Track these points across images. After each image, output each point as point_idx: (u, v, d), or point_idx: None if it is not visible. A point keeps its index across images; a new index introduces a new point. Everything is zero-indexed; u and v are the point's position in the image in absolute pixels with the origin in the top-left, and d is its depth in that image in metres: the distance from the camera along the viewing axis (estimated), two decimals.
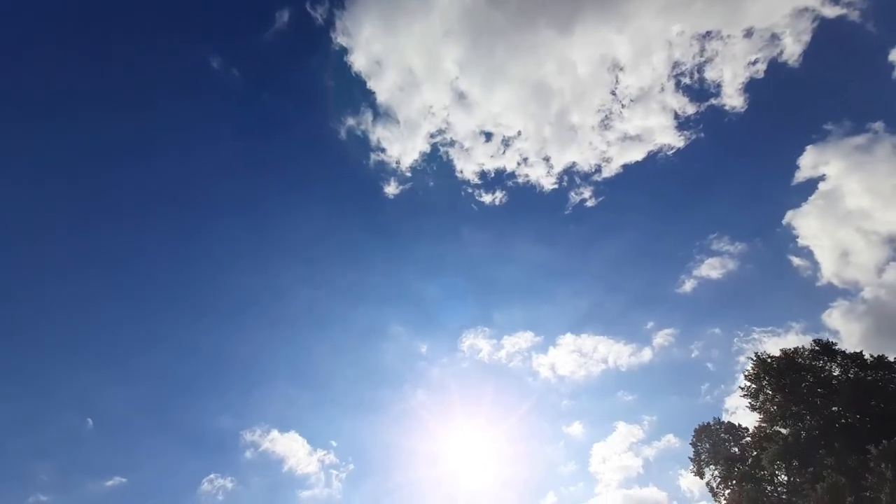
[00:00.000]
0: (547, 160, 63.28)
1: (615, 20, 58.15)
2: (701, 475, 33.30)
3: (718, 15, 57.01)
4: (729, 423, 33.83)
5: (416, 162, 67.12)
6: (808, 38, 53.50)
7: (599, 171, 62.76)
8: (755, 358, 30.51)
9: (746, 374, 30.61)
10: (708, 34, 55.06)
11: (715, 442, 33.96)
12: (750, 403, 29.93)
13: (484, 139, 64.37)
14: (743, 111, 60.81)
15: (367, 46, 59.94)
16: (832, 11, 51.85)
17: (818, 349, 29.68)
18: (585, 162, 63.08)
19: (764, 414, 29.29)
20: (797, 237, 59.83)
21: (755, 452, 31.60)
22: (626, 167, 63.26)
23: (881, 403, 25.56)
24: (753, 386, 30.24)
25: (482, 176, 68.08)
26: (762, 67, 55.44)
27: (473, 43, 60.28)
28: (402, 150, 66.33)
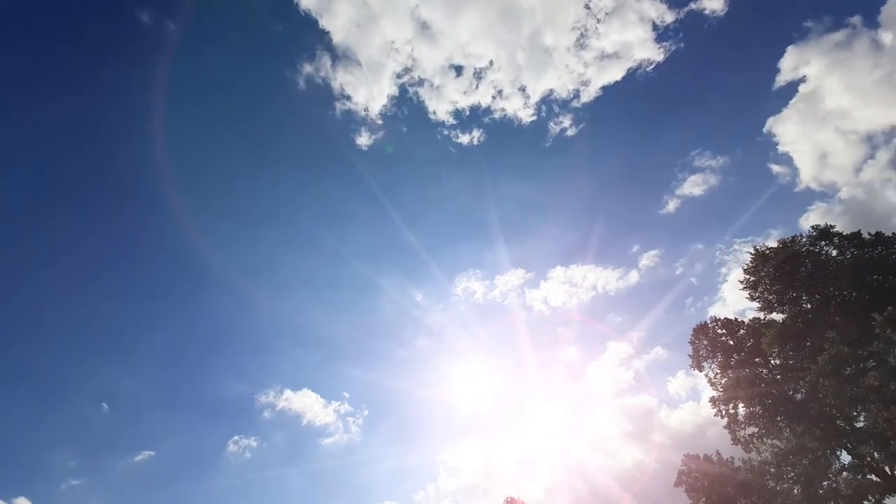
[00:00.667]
0: (523, 90, 58.92)
1: None
2: (700, 369, 34.46)
3: None
4: (725, 318, 34.55)
5: (385, 108, 61.43)
6: None
7: (578, 96, 59.08)
8: (753, 251, 30.35)
9: (745, 267, 30.67)
10: None
11: (712, 338, 34.89)
12: (749, 294, 30.17)
13: (454, 74, 58.96)
14: (723, 14, 56.63)
15: None
16: None
17: (815, 235, 29.49)
18: (563, 88, 59.02)
19: (762, 303, 29.63)
20: (777, 144, 59.01)
21: (750, 342, 32.70)
22: (605, 89, 59.50)
23: (880, 277, 25.78)
24: (752, 278, 30.31)
25: (457, 115, 63.23)
26: None
27: None
28: (368, 95, 60.44)
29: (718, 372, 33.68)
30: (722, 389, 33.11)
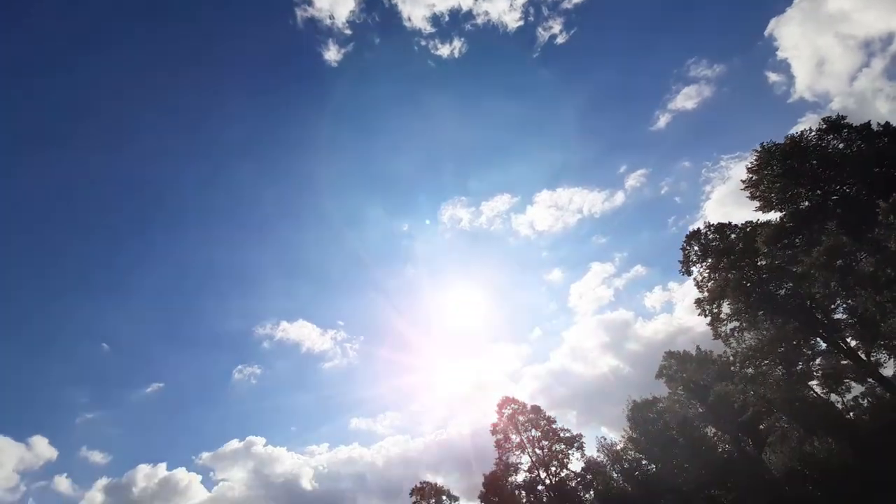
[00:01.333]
0: None
1: None
2: (689, 273, 35.04)
3: None
4: (718, 223, 34.35)
5: (353, 14, 52.49)
6: None
7: None
8: (759, 149, 28.92)
9: (749, 166, 29.53)
10: None
11: (704, 243, 35.00)
12: (750, 193, 29.38)
13: None
14: None
15: None
16: None
17: (825, 128, 28.00)
18: None
19: (762, 202, 29.00)
20: (777, 50, 54.47)
21: (740, 245, 32.86)
22: None
23: (886, 169, 24.97)
24: (755, 176, 29.35)
25: (435, 22, 55.04)
26: None
27: None
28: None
29: (707, 275, 34.39)
30: (708, 291, 34.08)
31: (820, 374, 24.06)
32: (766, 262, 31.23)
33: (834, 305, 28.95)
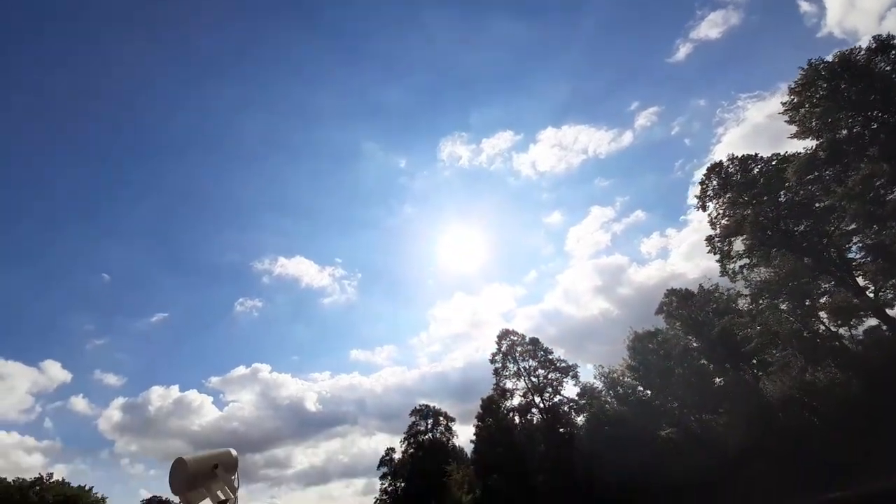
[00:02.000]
0: None
1: None
2: (704, 208, 33.71)
3: None
4: (744, 155, 32.29)
5: None
6: None
7: None
8: (807, 66, 26.10)
9: (791, 86, 26.91)
10: None
11: (724, 177, 33.26)
12: (789, 117, 27.10)
13: None
14: None
15: None
16: None
17: (874, 47, 25.07)
18: None
19: (801, 127, 26.79)
20: None
21: (761, 181, 31.16)
22: None
23: None
24: (796, 98, 26.85)
25: None
26: None
27: None
28: None
29: (722, 211, 33.11)
30: (721, 228, 33.03)
31: (829, 309, 23.75)
32: (787, 197, 29.87)
33: (849, 244, 28.20)
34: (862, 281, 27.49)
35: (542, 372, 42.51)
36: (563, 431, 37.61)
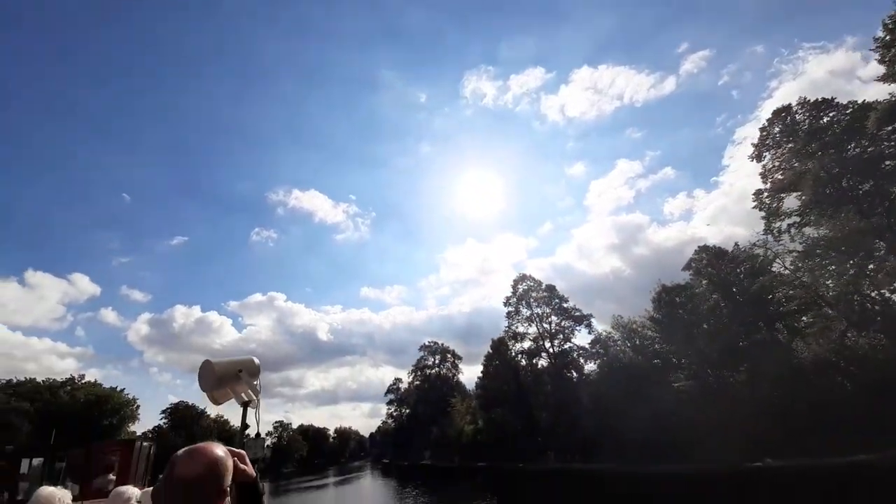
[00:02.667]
0: None
1: None
2: (759, 159, 30.76)
3: None
4: (819, 99, 28.47)
5: None
6: None
7: None
8: None
9: (886, 21, 22.74)
10: None
11: (789, 123, 29.80)
12: (880, 55, 23.27)
13: None
14: None
15: None
16: None
17: None
18: None
19: (890, 68, 23.06)
20: None
21: (832, 129, 27.79)
22: None
23: None
24: (889, 36, 22.84)
25: None
26: None
27: None
28: None
29: (778, 163, 30.15)
30: (772, 182, 30.29)
31: (885, 273, 21.93)
32: (856, 152, 26.73)
33: None
34: None
35: (555, 319, 42.34)
36: (570, 376, 38.18)
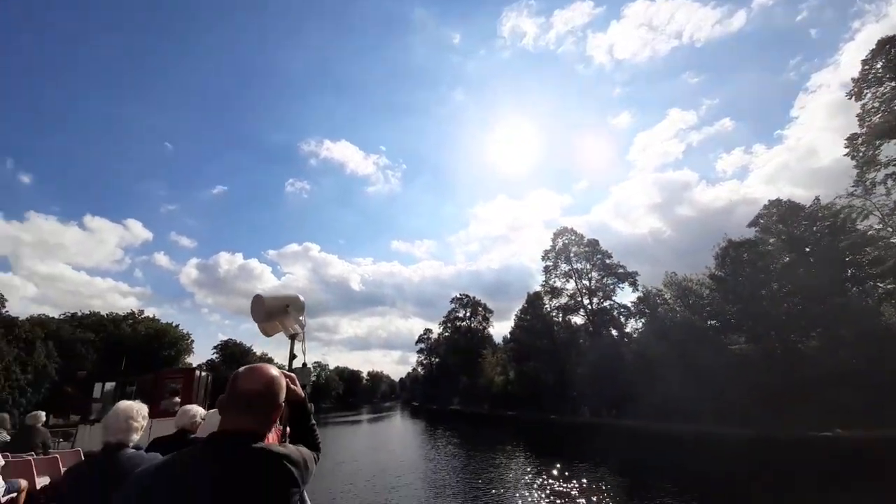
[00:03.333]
0: None
1: None
2: (859, 97, 26.43)
3: None
4: None
5: None
6: None
7: None
8: None
9: None
10: None
11: (894, 57, 25.08)
12: None
13: None
14: None
15: None
16: None
17: None
18: None
19: None
20: None
21: None
22: None
23: None
24: None
25: None
26: None
27: None
28: None
29: (878, 105, 25.82)
30: (869, 127, 26.17)
31: None
32: None
33: None
34: None
35: (595, 275, 40.69)
36: (607, 334, 37.16)
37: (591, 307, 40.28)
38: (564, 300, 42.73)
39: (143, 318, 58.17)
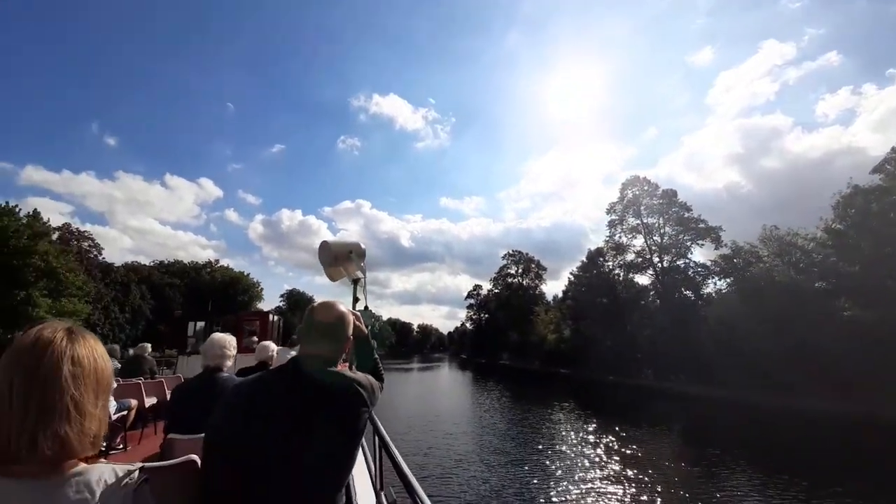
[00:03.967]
0: None
1: None
2: None
3: None
4: None
5: None
6: None
7: None
8: None
9: None
10: None
11: None
12: None
13: None
14: None
15: None
16: None
17: None
18: None
19: None
20: None
21: None
22: None
23: None
24: None
25: None
26: None
27: None
28: None
29: None
30: None
31: None
32: None
33: None
34: None
35: (669, 230, 36.68)
36: (680, 296, 33.93)
37: (661, 265, 36.82)
38: (630, 257, 39.46)
39: (218, 266, 63.34)
